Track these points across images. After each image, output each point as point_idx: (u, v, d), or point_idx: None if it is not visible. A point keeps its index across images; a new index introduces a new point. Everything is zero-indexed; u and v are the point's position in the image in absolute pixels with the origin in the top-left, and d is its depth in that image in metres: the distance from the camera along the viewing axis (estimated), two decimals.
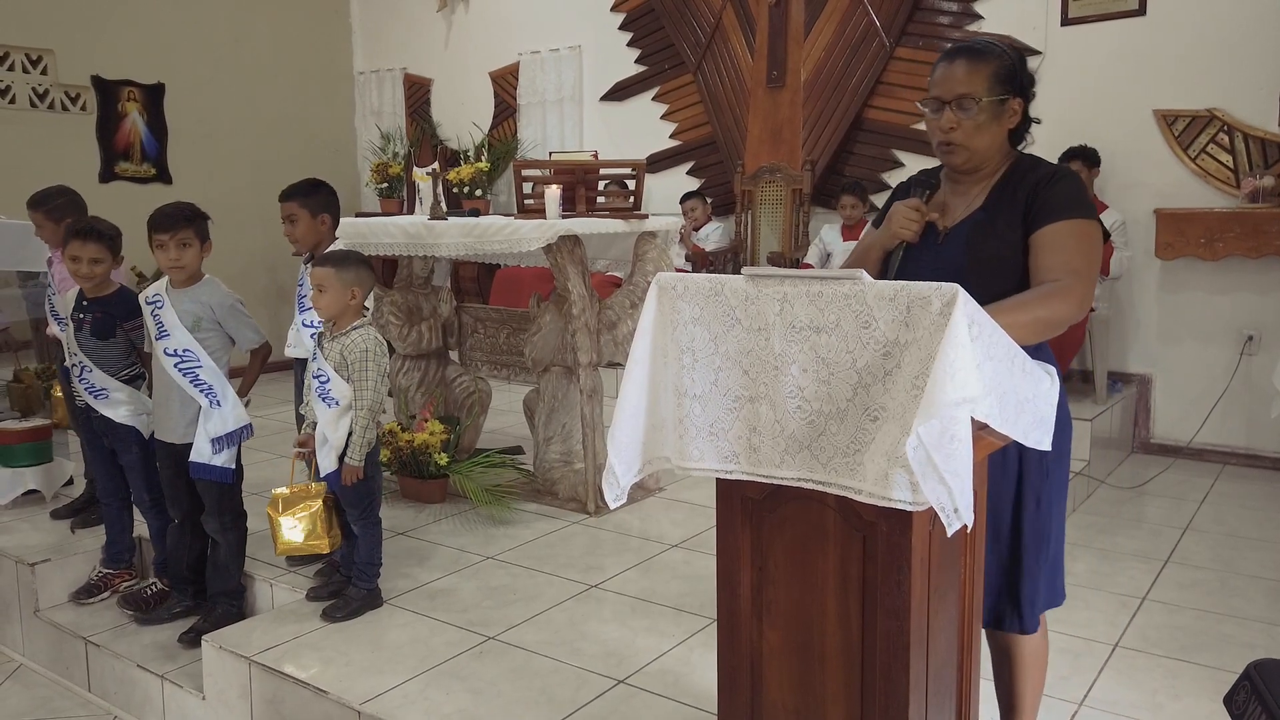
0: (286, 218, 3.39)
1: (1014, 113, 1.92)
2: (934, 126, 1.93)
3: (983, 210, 1.93)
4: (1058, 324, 1.79)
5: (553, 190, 3.83)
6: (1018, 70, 1.91)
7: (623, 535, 3.69)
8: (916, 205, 1.94)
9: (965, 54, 1.90)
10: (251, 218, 7.38)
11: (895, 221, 1.94)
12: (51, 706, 3.28)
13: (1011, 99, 1.90)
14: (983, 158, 1.93)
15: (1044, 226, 1.85)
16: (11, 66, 6.40)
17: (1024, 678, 2.08)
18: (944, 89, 1.90)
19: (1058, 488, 1.97)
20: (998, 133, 1.91)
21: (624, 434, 1.66)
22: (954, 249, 1.92)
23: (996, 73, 1.88)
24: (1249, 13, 4.80)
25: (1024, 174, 1.92)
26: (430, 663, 2.69)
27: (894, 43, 5.75)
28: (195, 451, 3.06)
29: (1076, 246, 1.83)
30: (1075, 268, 1.81)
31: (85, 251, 3.20)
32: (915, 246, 1.94)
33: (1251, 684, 1.25)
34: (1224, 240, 4.70)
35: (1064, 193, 1.87)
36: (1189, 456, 5.05)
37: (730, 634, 1.71)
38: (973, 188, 1.97)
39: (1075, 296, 1.79)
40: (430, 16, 7.89)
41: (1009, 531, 1.94)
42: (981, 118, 1.87)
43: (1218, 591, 3.35)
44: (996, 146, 1.93)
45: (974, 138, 1.89)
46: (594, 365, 3.92)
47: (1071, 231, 1.84)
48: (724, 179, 6.49)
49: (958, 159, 1.93)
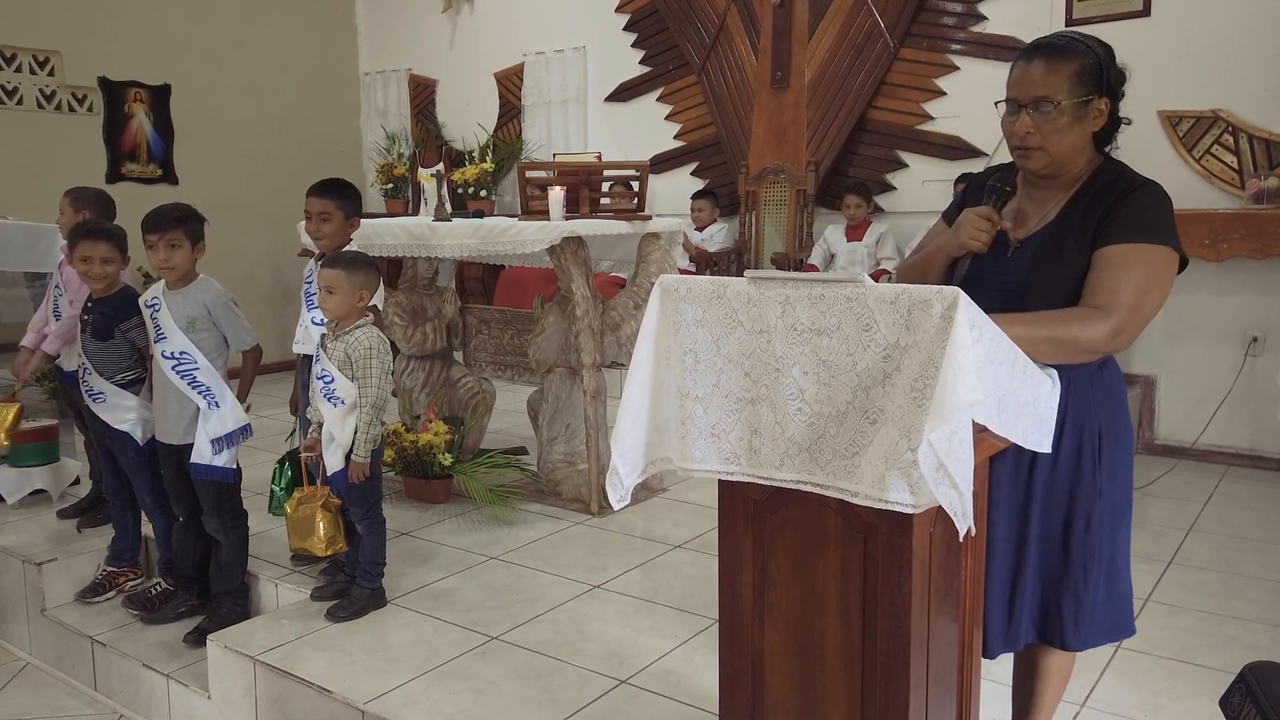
0: (319, 214, 3.30)
1: (1099, 114, 1.78)
2: (1010, 130, 1.79)
3: (1055, 224, 1.80)
4: (1078, 349, 1.68)
5: (556, 191, 3.84)
6: (1104, 67, 1.77)
7: (626, 536, 3.70)
8: (988, 214, 1.81)
9: (1044, 52, 1.76)
10: (257, 218, 7.42)
11: (964, 231, 1.81)
12: (58, 705, 3.29)
13: (1096, 99, 1.76)
14: (1064, 163, 1.79)
15: (1108, 245, 1.70)
16: (19, 68, 6.43)
17: (1045, 689, 2.03)
18: (1020, 90, 1.77)
19: (1111, 509, 1.84)
20: (1080, 135, 1.77)
21: (627, 435, 1.67)
22: (1021, 264, 1.80)
23: (1079, 72, 1.74)
24: (1254, 13, 4.80)
25: (1106, 187, 1.78)
26: (434, 662, 2.70)
27: (898, 43, 5.75)
28: (196, 452, 3.07)
29: (1132, 274, 1.68)
30: (1122, 297, 1.66)
31: (96, 251, 3.21)
32: (983, 258, 1.83)
33: (1246, 686, 1.25)
34: (1228, 241, 4.69)
35: (1141, 211, 1.72)
36: (1193, 458, 5.04)
37: (732, 635, 1.71)
38: (1051, 195, 1.84)
39: (1107, 326, 1.65)
40: (435, 17, 7.91)
41: (1059, 549, 1.85)
42: (1062, 120, 1.74)
43: (1221, 593, 3.35)
44: (1079, 150, 1.79)
45: (1053, 142, 1.75)
46: (597, 366, 3.93)
47: (1134, 257, 1.69)
48: (728, 180, 6.50)
49: (1036, 164, 1.79)
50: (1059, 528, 1.85)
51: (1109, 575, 1.88)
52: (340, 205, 3.32)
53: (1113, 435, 1.85)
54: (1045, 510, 1.84)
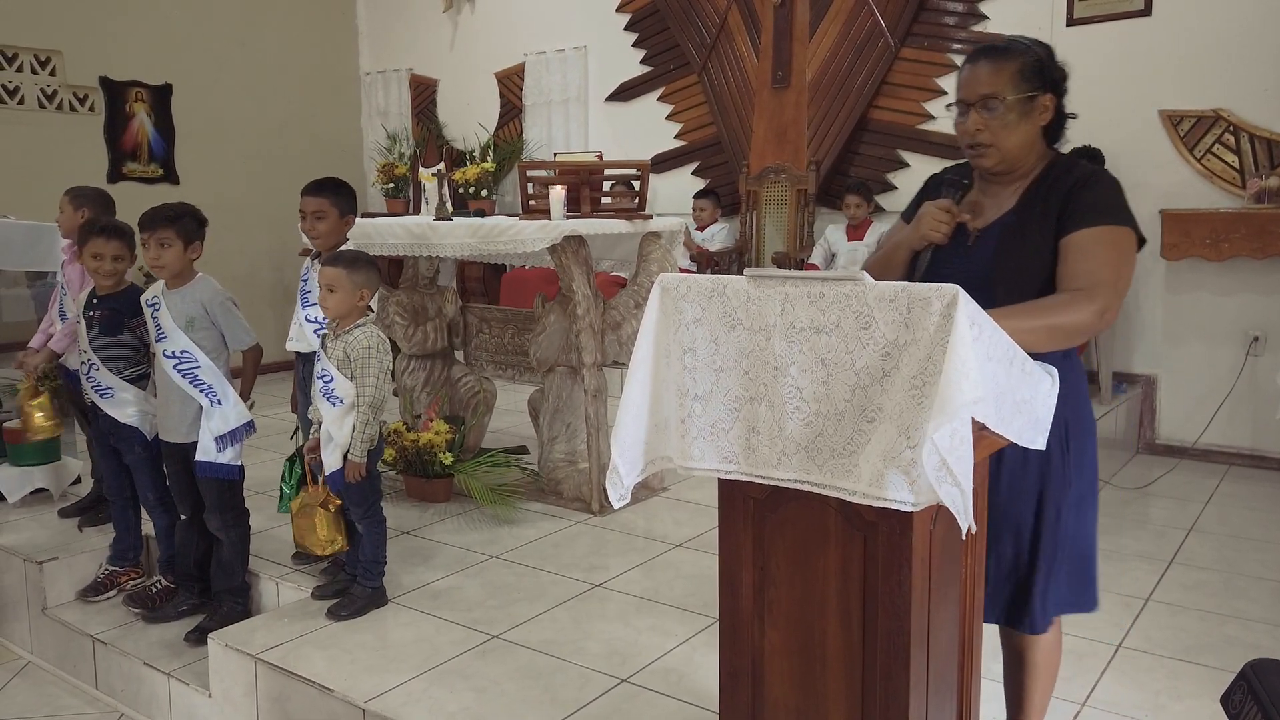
0: (314, 213, 3.28)
1: (1045, 109, 1.86)
2: (961, 130, 1.89)
3: (1014, 214, 1.88)
4: (1073, 333, 1.74)
5: (557, 191, 3.84)
6: (1046, 65, 1.86)
7: (627, 535, 3.70)
8: (947, 206, 1.89)
9: (988, 53, 1.86)
10: (258, 218, 7.42)
11: (925, 223, 1.89)
12: (59, 704, 3.30)
13: (1041, 95, 1.85)
14: (1015, 158, 1.88)
15: (1075, 232, 1.79)
16: (20, 67, 6.44)
17: (1034, 680, 2.06)
18: (968, 90, 1.86)
19: (1078, 499, 1.91)
20: (1028, 131, 1.86)
21: (627, 434, 1.67)
22: (983, 254, 1.87)
23: (1021, 69, 1.83)
24: (1255, 13, 4.80)
25: (1059, 177, 1.86)
26: (435, 661, 2.70)
27: (899, 43, 5.75)
28: (201, 450, 3.08)
29: (1105, 255, 1.77)
30: (1101, 277, 1.75)
31: (108, 249, 3.24)
32: (944, 249, 1.90)
33: (1248, 684, 1.25)
34: (1229, 241, 4.69)
35: (1099, 197, 1.81)
36: (1194, 457, 5.04)
37: (732, 633, 1.71)
38: (1006, 189, 1.91)
39: (1095, 306, 1.73)
40: (436, 17, 7.91)
41: (1029, 535, 1.90)
42: (1009, 117, 1.83)
43: (1222, 593, 3.35)
44: (1029, 146, 1.87)
45: (1003, 138, 1.84)
46: (598, 365, 3.93)
47: (1102, 238, 1.78)
48: (729, 179, 6.50)
49: (988, 161, 1.88)
50: (1030, 518, 1.90)
51: (1077, 561, 1.95)
52: (335, 203, 3.31)
53: (1079, 425, 1.91)
54: (1013, 502, 1.89)
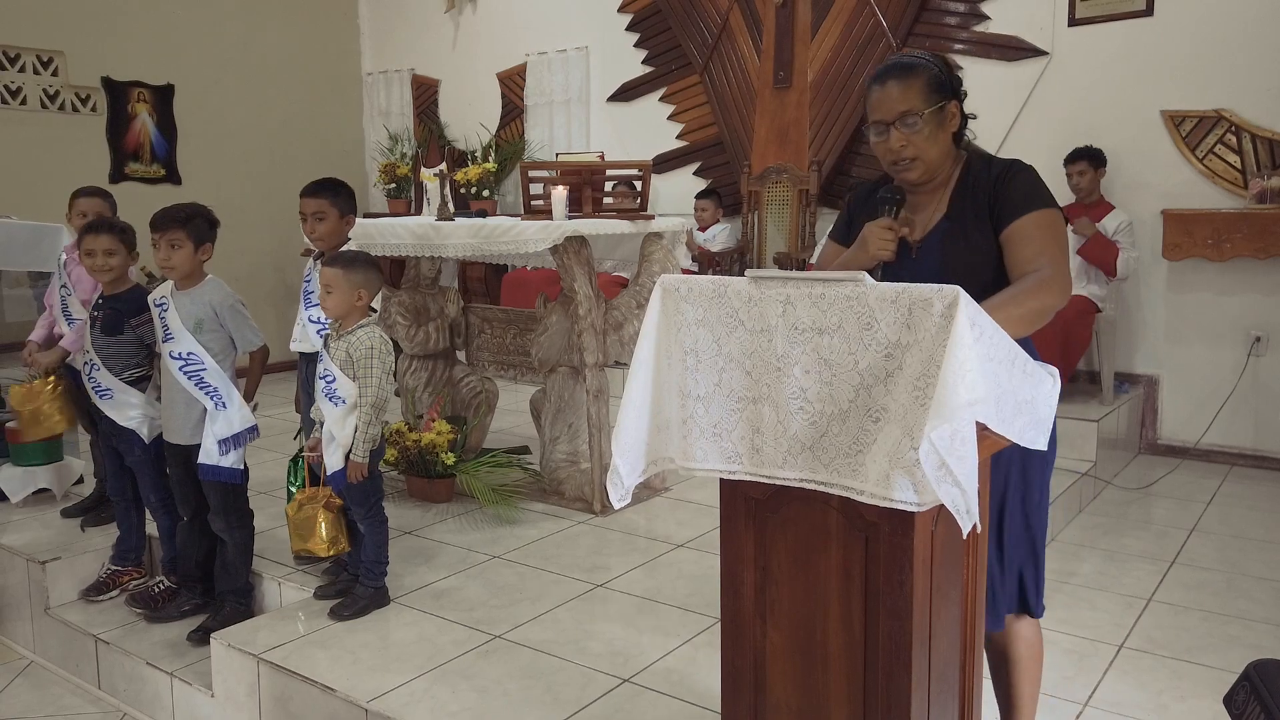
0: (313, 214, 3.28)
1: (954, 115, 1.97)
2: (883, 150, 1.97)
3: (947, 219, 1.97)
4: (1049, 313, 1.84)
5: (559, 191, 3.84)
6: (945, 74, 1.96)
7: (629, 535, 3.70)
8: (889, 225, 1.96)
9: (894, 72, 1.95)
10: (260, 218, 7.43)
11: (872, 245, 1.96)
12: (62, 704, 3.30)
13: (949, 103, 1.95)
14: (936, 167, 1.98)
15: (1013, 222, 1.91)
16: (22, 68, 6.44)
17: (1019, 676, 2.09)
18: (884, 111, 1.94)
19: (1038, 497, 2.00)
20: (944, 139, 1.96)
21: (628, 434, 1.67)
22: (929, 260, 1.96)
23: (928, 83, 1.93)
24: (1256, 13, 4.79)
25: (979, 174, 1.97)
26: (437, 661, 2.71)
27: (901, 43, 5.74)
28: (204, 453, 3.08)
29: (1047, 236, 1.89)
30: (1051, 256, 1.87)
31: (98, 244, 3.24)
32: (890, 264, 1.98)
33: (1250, 684, 1.25)
34: (1231, 241, 4.69)
35: (1023, 187, 1.92)
36: (1196, 457, 5.04)
37: (734, 634, 1.72)
38: (931, 198, 2.01)
39: (1059, 284, 1.85)
40: (438, 18, 7.92)
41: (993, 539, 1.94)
42: (927, 129, 1.92)
43: (1224, 593, 3.35)
44: (946, 153, 1.98)
45: (924, 150, 1.94)
46: (600, 365, 3.93)
47: (1039, 222, 1.90)
48: (731, 179, 6.50)
49: (914, 174, 1.97)
50: (994, 517, 1.93)
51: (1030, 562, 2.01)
52: (334, 203, 3.31)
53: None
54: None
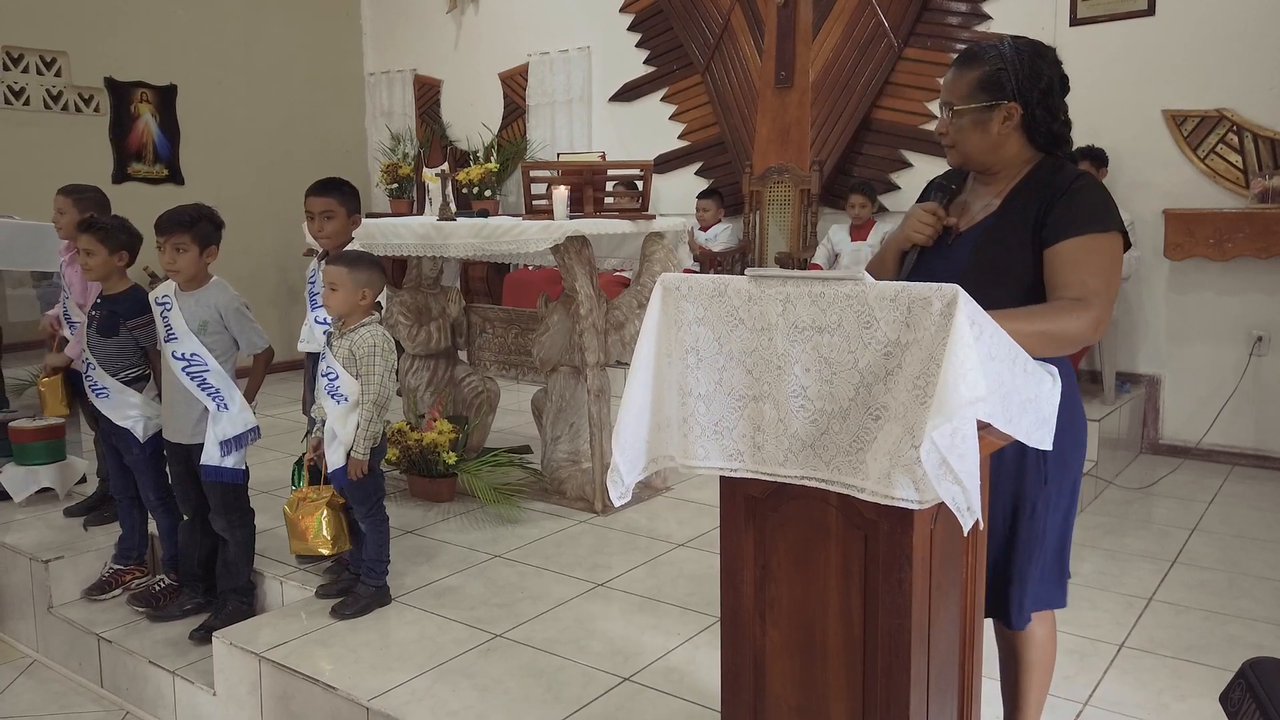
0: (322, 213, 3.29)
1: (1007, 118, 1.87)
2: (937, 128, 1.99)
3: (996, 216, 1.90)
4: (1066, 341, 1.74)
5: (561, 191, 3.84)
6: (1010, 75, 1.85)
7: (630, 534, 3.71)
8: (933, 209, 1.94)
9: (959, 60, 1.93)
10: (263, 218, 7.43)
11: (909, 225, 1.95)
12: (64, 702, 3.31)
13: (1002, 105, 1.86)
14: (978, 161, 1.93)
15: (1061, 241, 1.79)
16: (26, 68, 6.45)
17: (1029, 677, 2.07)
18: (943, 93, 1.95)
19: (1057, 495, 1.93)
20: (985, 137, 1.89)
21: (629, 433, 1.67)
22: (960, 253, 1.91)
23: (979, 79, 1.87)
24: (1258, 12, 4.79)
25: (1042, 181, 1.87)
26: (438, 659, 2.71)
27: (902, 43, 5.75)
28: (205, 454, 3.09)
29: (1095, 264, 1.77)
30: (1093, 287, 1.75)
31: (80, 243, 3.30)
32: (929, 249, 1.95)
33: (1246, 682, 1.26)
34: (1233, 240, 4.69)
35: (1084, 204, 1.80)
36: (1198, 457, 5.03)
37: (733, 632, 1.72)
38: (991, 189, 1.95)
39: (1090, 316, 1.73)
40: (440, 18, 7.92)
41: (1005, 531, 1.92)
42: (962, 123, 1.90)
43: (1225, 592, 3.35)
44: (990, 151, 1.90)
45: (960, 141, 1.92)
46: (601, 365, 3.94)
47: (1090, 248, 1.78)
48: (732, 179, 6.50)
49: (952, 159, 1.97)
50: (1007, 513, 1.92)
51: (1053, 557, 1.97)
52: (342, 203, 3.33)
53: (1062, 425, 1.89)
54: (993, 497, 1.88)
